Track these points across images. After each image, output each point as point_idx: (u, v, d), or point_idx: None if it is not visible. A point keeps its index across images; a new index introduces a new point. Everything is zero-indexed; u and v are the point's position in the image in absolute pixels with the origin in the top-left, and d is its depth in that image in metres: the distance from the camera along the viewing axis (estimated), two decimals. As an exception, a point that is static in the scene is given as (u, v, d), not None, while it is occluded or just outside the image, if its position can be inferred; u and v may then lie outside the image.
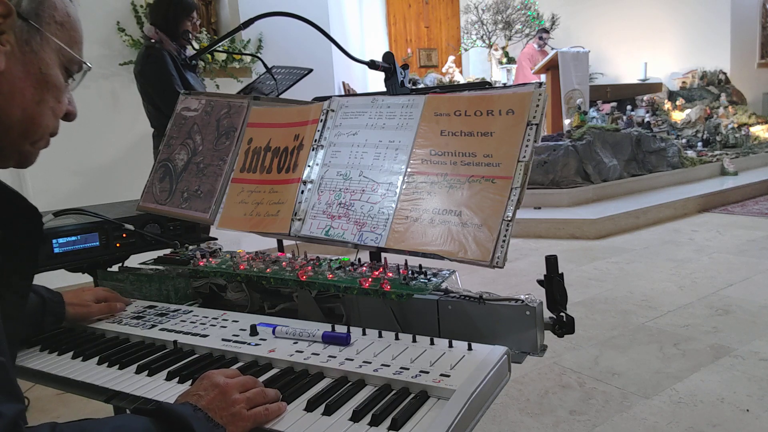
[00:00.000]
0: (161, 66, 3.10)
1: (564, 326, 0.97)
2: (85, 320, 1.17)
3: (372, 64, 1.34)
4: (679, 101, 9.13)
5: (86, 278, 1.49)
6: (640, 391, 2.23)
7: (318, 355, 0.91)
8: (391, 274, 1.06)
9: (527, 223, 4.98)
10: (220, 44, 4.84)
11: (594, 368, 2.44)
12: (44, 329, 1.12)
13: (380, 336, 0.96)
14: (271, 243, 1.56)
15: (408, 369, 0.83)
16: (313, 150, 1.24)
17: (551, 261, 0.99)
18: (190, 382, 0.89)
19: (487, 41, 9.86)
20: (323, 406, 0.77)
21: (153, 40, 3.18)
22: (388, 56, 1.33)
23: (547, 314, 1.00)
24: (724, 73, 9.84)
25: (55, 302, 1.12)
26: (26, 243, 0.75)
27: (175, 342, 1.02)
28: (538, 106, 1.02)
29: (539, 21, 9.72)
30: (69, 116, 0.83)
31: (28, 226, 0.74)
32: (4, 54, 0.71)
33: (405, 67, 1.36)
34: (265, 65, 2.22)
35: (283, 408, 0.79)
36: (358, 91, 7.14)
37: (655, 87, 9.34)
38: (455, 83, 9.00)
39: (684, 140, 7.81)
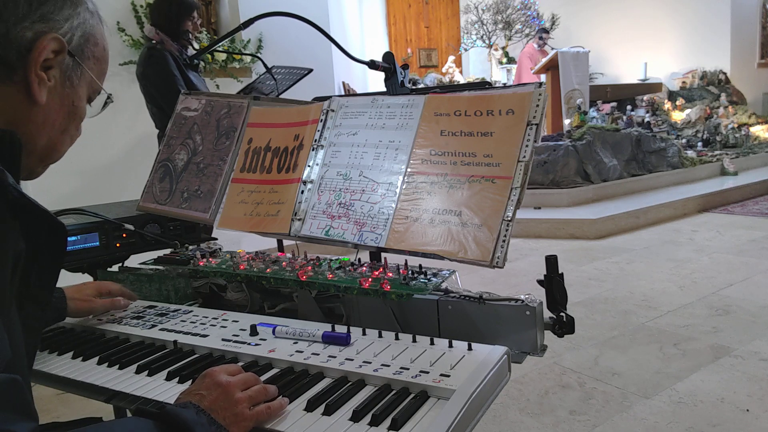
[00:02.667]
0: (163, 67, 3.10)
1: (564, 326, 0.97)
2: (88, 315, 1.17)
3: (372, 64, 1.34)
4: (679, 101, 9.13)
5: (86, 278, 1.49)
6: (640, 391, 2.23)
7: (318, 355, 0.91)
8: (391, 274, 1.06)
9: (527, 223, 4.98)
10: (220, 44, 4.84)
11: (594, 368, 2.44)
12: (46, 325, 1.12)
13: (380, 336, 0.96)
14: (271, 243, 1.56)
15: (408, 369, 0.83)
16: (313, 150, 1.24)
17: (551, 261, 0.99)
18: (190, 382, 0.89)
19: (487, 41, 9.86)
20: (323, 406, 0.77)
21: (154, 41, 3.17)
22: (388, 56, 1.33)
23: (547, 314, 1.00)
24: (724, 73, 9.84)
25: (56, 298, 1.11)
26: (50, 256, 0.75)
27: (175, 342, 1.03)
28: (538, 106, 1.02)
29: (539, 21, 9.72)
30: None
31: (52, 240, 0.74)
32: (47, 88, 0.74)
33: (405, 67, 1.36)
34: (265, 65, 2.22)
35: (284, 404, 0.79)
36: (358, 91, 7.14)
37: (655, 87, 9.34)
38: (455, 83, 9.00)
39: (684, 140, 7.81)
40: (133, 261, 1.46)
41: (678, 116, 8.65)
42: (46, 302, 0.78)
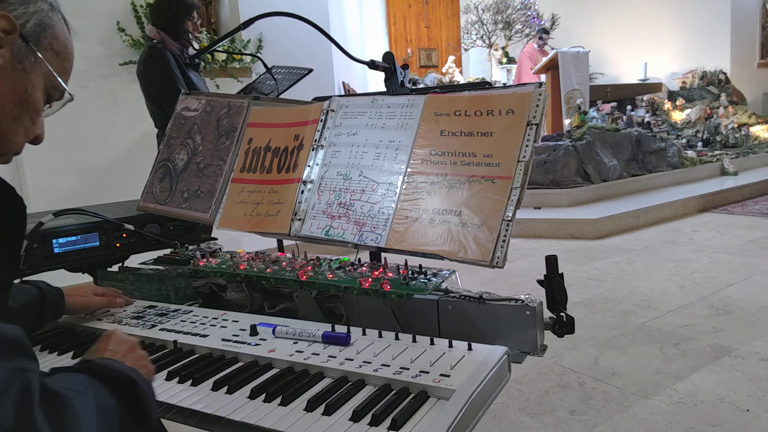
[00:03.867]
0: (163, 66, 3.10)
1: (564, 326, 0.97)
2: (85, 311, 1.18)
3: (372, 64, 1.34)
4: (679, 101, 9.13)
5: (86, 278, 1.49)
6: (640, 391, 2.23)
7: (318, 355, 0.91)
8: (391, 274, 1.06)
9: (527, 223, 4.98)
10: (220, 44, 4.84)
11: (594, 368, 2.44)
12: (44, 321, 1.13)
13: (380, 336, 0.96)
14: (271, 243, 1.56)
15: (408, 369, 0.83)
16: (313, 150, 1.24)
17: (551, 261, 0.99)
18: (190, 381, 0.89)
19: (487, 41, 9.87)
20: (323, 406, 0.77)
21: (155, 41, 3.18)
22: (388, 56, 1.33)
23: (547, 314, 1.00)
24: (724, 73, 9.84)
25: (54, 294, 1.13)
26: (10, 237, 0.75)
27: (175, 342, 1.03)
28: (538, 106, 1.02)
29: (539, 21, 9.72)
30: (36, 140, 0.83)
31: (12, 219, 0.74)
32: None
33: (405, 67, 1.36)
34: (265, 65, 2.22)
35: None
36: (358, 91, 7.14)
37: (655, 87, 9.34)
38: (455, 83, 9.00)
39: (684, 140, 7.81)
40: (133, 261, 1.46)
41: (678, 116, 8.65)
42: (7, 286, 0.79)
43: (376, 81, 8.50)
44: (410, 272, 1.06)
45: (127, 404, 0.70)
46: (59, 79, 0.82)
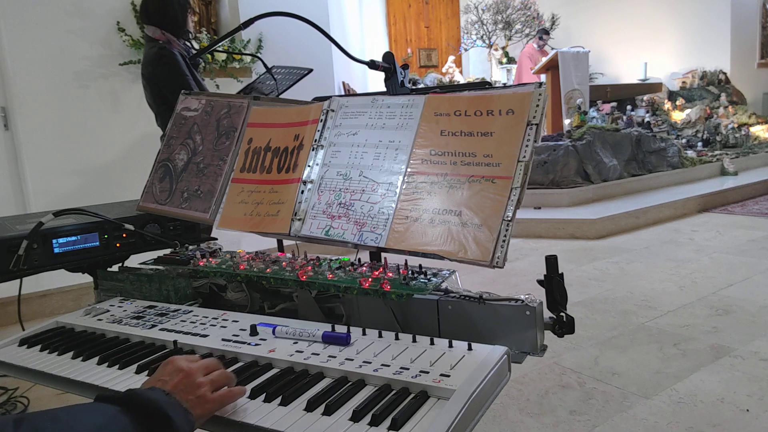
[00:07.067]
0: (176, 67, 3.07)
1: (564, 326, 0.97)
2: None
3: (372, 64, 1.34)
4: (679, 101, 9.13)
5: (86, 278, 1.49)
6: (640, 391, 2.23)
7: (318, 355, 0.91)
8: (391, 274, 1.06)
9: (527, 223, 4.98)
10: (220, 44, 4.84)
11: (594, 368, 2.44)
12: None
13: (380, 336, 0.96)
14: (271, 243, 1.57)
15: (408, 369, 0.83)
16: (313, 150, 1.24)
17: (551, 261, 0.99)
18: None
19: (487, 41, 9.87)
20: (323, 406, 0.77)
21: (161, 41, 3.15)
22: (388, 56, 1.34)
23: (547, 314, 1.00)
24: (724, 73, 9.84)
25: None
26: None
27: (175, 342, 1.03)
28: (538, 106, 1.02)
29: (539, 21, 9.73)
30: None
31: None
32: None
33: (405, 67, 1.36)
34: (265, 65, 2.22)
35: (243, 391, 0.82)
36: (358, 91, 7.14)
37: (655, 87, 9.34)
38: (455, 83, 9.00)
39: (684, 140, 7.81)
40: (133, 261, 1.46)
41: (678, 116, 8.65)
42: None
43: (376, 81, 8.50)
44: (410, 272, 1.06)
45: None
46: None
